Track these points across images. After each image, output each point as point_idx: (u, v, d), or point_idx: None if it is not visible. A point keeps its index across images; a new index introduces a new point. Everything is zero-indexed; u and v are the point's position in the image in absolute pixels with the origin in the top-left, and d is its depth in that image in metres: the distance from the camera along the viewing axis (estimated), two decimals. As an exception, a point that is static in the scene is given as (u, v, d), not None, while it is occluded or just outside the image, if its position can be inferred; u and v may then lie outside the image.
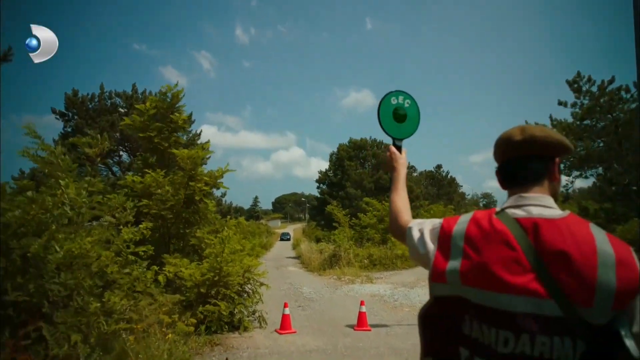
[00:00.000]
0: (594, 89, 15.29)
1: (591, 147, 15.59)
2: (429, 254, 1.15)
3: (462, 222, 1.12)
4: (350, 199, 33.25)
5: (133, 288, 5.47)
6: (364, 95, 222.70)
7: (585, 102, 15.53)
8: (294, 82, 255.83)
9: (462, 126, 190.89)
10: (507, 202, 1.14)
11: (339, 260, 18.51)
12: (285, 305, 7.69)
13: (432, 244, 1.16)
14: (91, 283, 4.61)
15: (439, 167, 48.23)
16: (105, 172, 20.73)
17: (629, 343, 0.88)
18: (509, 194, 1.18)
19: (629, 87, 14.60)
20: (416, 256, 1.22)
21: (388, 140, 1.68)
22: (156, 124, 8.72)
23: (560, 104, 16.02)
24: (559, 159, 1.17)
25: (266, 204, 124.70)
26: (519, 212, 1.07)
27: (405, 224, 1.33)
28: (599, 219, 14.76)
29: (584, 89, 15.47)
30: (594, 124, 15.64)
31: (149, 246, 6.05)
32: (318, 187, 40.72)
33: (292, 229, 68.73)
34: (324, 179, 39.56)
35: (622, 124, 14.49)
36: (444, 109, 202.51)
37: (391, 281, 14.67)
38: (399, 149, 1.62)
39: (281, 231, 62.47)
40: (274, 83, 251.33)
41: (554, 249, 0.96)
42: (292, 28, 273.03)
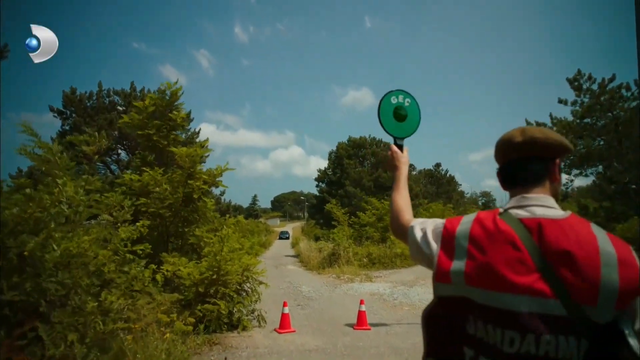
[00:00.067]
0: (594, 87, 15.22)
1: (591, 145, 15.56)
2: (432, 254, 1.15)
3: (466, 223, 1.12)
4: (350, 197, 33.26)
5: (131, 287, 5.43)
6: (363, 94, 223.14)
7: (585, 100, 15.47)
8: (293, 80, 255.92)
9: (461, 125, 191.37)
10: (509, 203, 1.15)
11: (338, 258, 18.51)
12: (285, 304, 7.67)
13: (435, 243, 1.16)
14: (88, 282, 4.57)
15: (438, 165, 48.31)
16: (103, 171, 20.68)
17: (633, 342, 0.90)
18: (510, 194, 1.19)
19: (629, 85, 14.54)
20: (418, 256, 1.22)
21: (388, 139, 1.67)
22: (155, 121, 8.69)
23: (560, 102, 15.98)
24: (559, 160, 1.18)
25: (265, 203, 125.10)
26: (522, 213, 1.08)
27: (406, 223, 1.33)
28: (598, 218, 14.76)
29: (584, 87, 15.41)
30: (594, 122, 15.60)
31: (146, 244, 6.00)
32: (317, 186, 40.79)
33: (291, 227, 68.79)
34: (323, 177, 39.54)
35: (623, 122, 14.45)
36: (443, 108, 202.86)
37: (390, 280, 14.65)
38: (400, 147, 1.62)
39: (280, 230, 62.52)
40: (273, 81, 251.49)
41: (558, 248, 0.97)
42: (291, 26, 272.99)
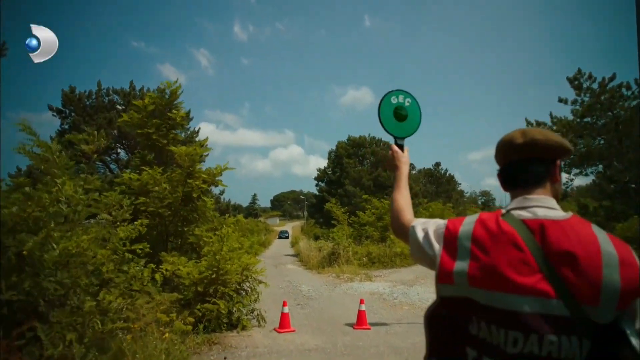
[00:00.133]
0: (594, 86, 15.22)
1: (591, 144, 15.56)
2: (434, 255, 1.15)
3: (468, 224, 1.12)
4: (349, 196, 33.22)
5: (130, 287, 5.41)
6: (362, 93, 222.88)
7: (585, 99, 15.46)
8: (292, 79, 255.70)
9: (460, 124, 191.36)
10: (511, 204, 1.15)
11: (337, 258, 18.49)
12: (284, 304, 7.65)
13: (437, 244, 1.15)
14: (87, 282, 4.55)
15: (437, 164, 48.33)
16: (102, 170, 20.66)
17: (635, 341, 0.91)
18: (511, 195, 1.19)
19: (629, 84, 14.54)
20: (420, 255, 1.22)
21: (388, 138, 1.68)
22: (154, 120, 8.68)
23: (560, 101, 15.97)
24: (559, 161, 1.19)
25: (265, 202, 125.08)
26: (524, 214, 1.09)
27: (407, 223, 1.32)
28: (598, 217, 14.76)
29: (584, 86, 15.40)
30: (594, 121, 15.59)
31: (144, 244, 5.98)
32: (317, 185, 40.74)
33: (291, 226, 68.81)
34: (322, 176, 39.50)
35: (623, 121, 14.44)
36: (443, 107, 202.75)
37: (390, 279, 14.64)
38: (400, 147, 1.62)
39: (280, 229, 62.55)
40: (272, 81, 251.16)
41: (560, 249, 0.97)
42: (291, 25, 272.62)
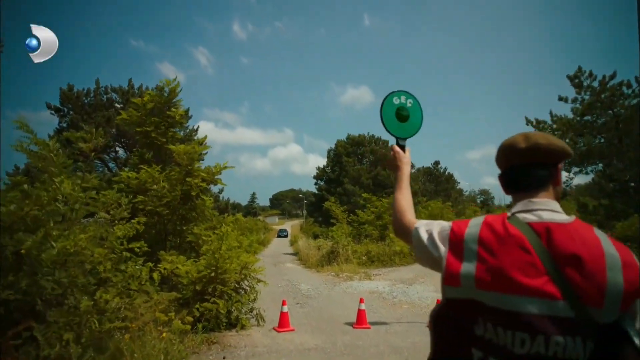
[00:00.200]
0: (595, 84, 15.16)
1: (592, 143, 15.53)
2: (440, 256, 1.15)
3: (474, 226, 1.12)
4: (348, 195, 33.17)
5: (127, 286, 5.37)
6: (361, 92, 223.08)
7: (586, 97, 15.42)
8: (291, 78, 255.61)
9: (460, 123, 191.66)
10: (516, 207, 1.16)
11: (337, 256, 18.47)
12: (284, 303, 7.62)
13: (443, 246, 1.15)
14: (84, 281, 4.51)
15: (436, 163, 48.28)
16: (101, 168, 20.57)
17: (637, 341, 0.93)
18: (513, 199, 1.21)
19: (630, 83, 14.48)
20: (425, 257, 1.22)
21: (387, 137, 1.67)
22: (153, 118, 8.63)
23: (560, 99, 15.93)
24: (561, 165, 1.21)
25: (264, 201, 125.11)
26: (530, 217, 1.10)
27: (410, 224, 1.33)
28: (598, 216, 14.75)
29: (585, 84, 15.35)
30: (594, 119, 15.55)
31: (142, 242, 5.93)
32: (316, 184, 40.65)
33: (290, 225, 68.73)
34: (321, 175, 39.43)
35: (623, 119, 14.41)
36: (442, 106, 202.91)
37: (389, 278, 14.61)
38: (402, 148, 1.62)
39: (279, 228, 62.48)
40: (271, 79, 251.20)
41: (566, 252, 0.99)
42: (290, 24, 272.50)
